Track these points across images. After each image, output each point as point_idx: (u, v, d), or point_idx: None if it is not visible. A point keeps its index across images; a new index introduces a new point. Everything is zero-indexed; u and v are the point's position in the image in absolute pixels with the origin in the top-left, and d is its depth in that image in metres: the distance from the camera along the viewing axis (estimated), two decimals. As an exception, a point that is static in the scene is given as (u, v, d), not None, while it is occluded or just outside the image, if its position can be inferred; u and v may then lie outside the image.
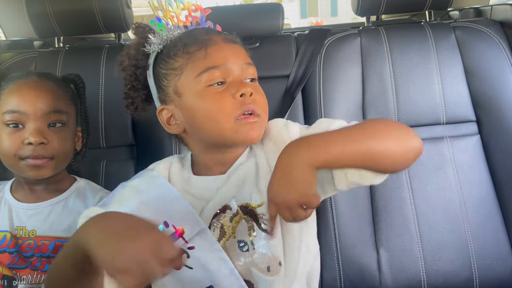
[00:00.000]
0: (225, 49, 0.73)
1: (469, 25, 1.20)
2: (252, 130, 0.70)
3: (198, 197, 0.75)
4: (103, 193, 0.94)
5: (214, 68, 0.70)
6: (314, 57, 1.18)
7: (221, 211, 0.72)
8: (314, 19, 18.11)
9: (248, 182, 0.74)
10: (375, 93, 1.17)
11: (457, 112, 1.16)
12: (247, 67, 0.73)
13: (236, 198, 0.73)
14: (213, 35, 0.74)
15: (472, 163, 1.12)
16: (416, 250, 1.07)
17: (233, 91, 0.69)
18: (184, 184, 0.77)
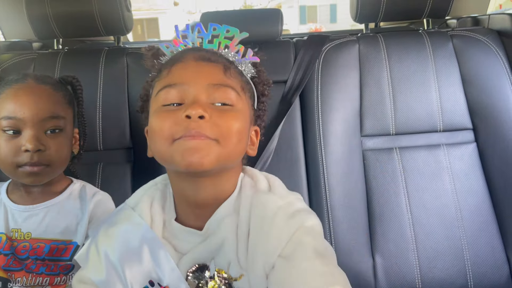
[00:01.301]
0: (190, 67, 0.65)
1: (466, 33, 1.21)
2: (192, 152, 0.58)
3: (175, 248, 0.67)
4: (99, 196, 0.94)
5: (170, 86, 0.63)
6: (312, 63, 1.19)
7: (199, 270, 0.65)
8: (313, 25, 18.23)
9: (227, 247, 0.64)
10: (372, 99, 1.17)
11: (454, 120, 1.16)
12: (215, 90, 0.63)
13: (215, 260, 0.65)
14: (189, 53, 0.67)
15: (468, 171, 1.13)
16: (412, 257, 1.07)
17: (180, 112, 0.60)
18: (164, 230, 0.69)
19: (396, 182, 1.12)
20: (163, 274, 0.64)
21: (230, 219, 0.65)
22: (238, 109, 0.65)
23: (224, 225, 0.65)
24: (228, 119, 0.62)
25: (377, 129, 1.17)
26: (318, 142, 1.14)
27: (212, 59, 0.66)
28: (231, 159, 0.64)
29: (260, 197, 0.66)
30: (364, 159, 1.16)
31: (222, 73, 0.65)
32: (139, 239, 0.67)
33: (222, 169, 0.64)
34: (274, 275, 0.59)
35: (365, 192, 1.13)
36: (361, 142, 1.17)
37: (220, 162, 0.61)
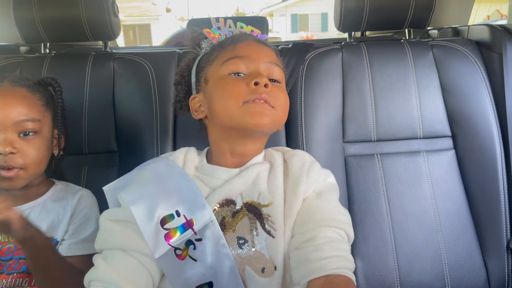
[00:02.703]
0: (253, 46, 0.80)
1: (446, 44, 1.25)
2: (260, 115, 0.73)
3: (206, 184, 0.77)
4: (83, 192, 0.95)
5: (238, 58, 0.77)
6: (296, 70, 1.21)
7: (225, 204, 0.74)
8: (304, 33, 18.37)
9: (259, 182, 0.76)
10: (355, 106, 1.20)
11: (434, 127, 1.19)
12: (272, 67, 0.79)
13: (242, 195, 0.75)
14: (248, 36, 0.84)
15: (446, 177, 1.16)
16: (391, 261, 1.09)
17: (248, 80, 0.74)
18: (196, 171, 0.80)
19: (377, 188, 1.15)
20: (189, 206, 0.71)
21: (263, 164, 0.80)
22: (283, 86, 0.82)
23: (258, 166, 0.79)
24: (280, 93, 0.78)
25: (359, 135, 1.19)
26: (301, 148, 1.16)
27: (267, 44, 0.83)
28: (280, 124, 0.82)
29: (295, 151, 0.83)
30: (346, 164, 1.18)
31: (275, 56, 0.82)
32: (169, 176, 0.75)
33: (274, 130, 0.81)
34: (307, 203, 0.73)
35: (347, 197, 1.15)
36: (343, 148, 1.19)
37: (274, 125, 0.77)
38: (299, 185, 0.74)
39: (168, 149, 1.17)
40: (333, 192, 0.78)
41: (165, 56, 1.29)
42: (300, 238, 0.69)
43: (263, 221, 0.72)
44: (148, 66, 1.22)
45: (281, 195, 0.74)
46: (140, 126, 1.18)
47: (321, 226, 0.69)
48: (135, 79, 1.21)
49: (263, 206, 0.73)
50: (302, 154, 0.81)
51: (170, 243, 0.68)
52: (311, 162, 0.78)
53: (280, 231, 0.71)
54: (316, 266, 0.65)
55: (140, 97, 1.20)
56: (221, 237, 0.69)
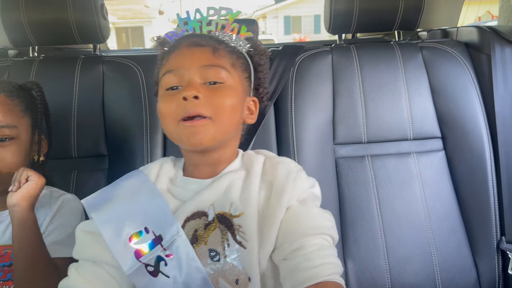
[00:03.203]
0: (184, 53, 0.74)
1: (435, 45, 1.26)
2: (193, 135, 0.70)
3: (176, 197, 0.76)
4: (66, 196, 0.94)
5: (170, 72, 0.73)
6: (286, 73, 1.21)
7: (197, 216, 0.72)
8: (297, 35, 18.41)
9: (231, 191, 0.74)
10: (345, 108, 1.20)
11: (424, 128, 1.20)
12: (207, 69, 0.72)
13: (214, 205, 0.73)
14: (183, 41, 0.77)
15: (437, 178, 1.16)
16: (383, 263, 1.09)
17: (179, 95, 0.70)
18: (169, 183, 0.78)
19: (367, 189, 1.15)
20: (158, 221, 0.70)
21: (237, 172, 0.76)
22: (228, 85, 0.74)
23: (230, 174, 0.75)
24: (219, 96, 0.72)
25: (349, 137, 1.20)
26: (292, 150, 1.16)
27: (202, 43, 0.75)
28: (227, 131, 0.74)
29: (280, 158, 0.79)
30: (337, 166, 1.18)
31: (211, 55, 0.74)
32: (140, 192, 0.74)
33: (226, 139, 0.76)
34: (291, 212, 0.70)
35: (338, 199, 1.16)
36: (334, 150, 1.19)
37: (217, 137, 0.72)
38: (283, 194, 0.71)
39: (158, 152, 1.17)
40: (315, 199, 0.76)
41: (155, 59, 1.28)
42: (288, 248, 0.68)
43: (234, 232, 0.70)
44: (138, 69, 1.22)
45: (254, 204, 0.72)
46: (130, 129, 1.18)
47: (307, 235, 0.68)
48: (125, 83, 1.21)
49: (234, 216, 0.71)
50: (288, 162, 0.78)
51: (141, 260, 0.68)
52: (297, 171, 0.75)
53: (252, 242, 0.69)
54: (307, 275, 0.65)
55: (130, 100, 1.19)
56: (190, 251, 0.69)
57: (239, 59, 0.78)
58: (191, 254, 0.69)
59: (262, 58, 0.85)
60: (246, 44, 0.83)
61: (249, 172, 0.76)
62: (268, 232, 0.69)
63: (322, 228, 0.70)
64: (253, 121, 0.82)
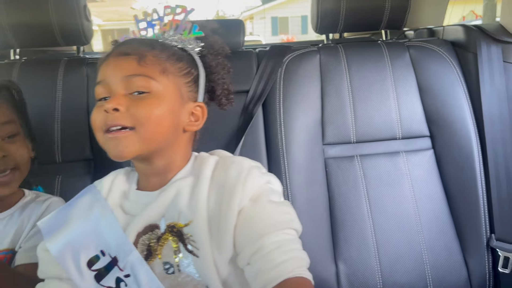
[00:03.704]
0: (110, 64, 0.72)
1: (422, 44, 1.26)
2: (115, 147, 0.68)
3: (127, 212, 0.74)
4: (53, 199, 0.94)
5: (98, 83, 0.72)
6: (274, 73, 1.20)
7: (149, 230, 0.70)
8: (285, 36, 18.44)
9: (179, 200, 0.71)
10: (333, 108, 1.19)
11: (412, 127, 1.20)
12: (131, 79, 0.69)
13: (166, 217, 0.71)
14: (113, 51, 0.74)
15: (426, 177, 1.16)
16: (374, 263, 1.08)
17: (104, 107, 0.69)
18: (121, 199, 0.76)
19: (357, 189, 1.14)
20: (111, 242, 0.69)
21: (185, 179, 0.73)
22: (155, 94, 0.70)
23: (178, 182, 0.73)
24: (144, 106, 0.69)
25: (338, 137, 1.19)
26: (281, 151, 1.14)
27: (128, 52, 0.72)
28: (155, 142, 0.71)
29: (233, 158, 0.76)
30: (326, 167, 1.17)
31: (136, 64, 0.71)
32: (92, 211, 0.73)
33: (158, 148, 0.72)
34: (244, 215, 0.67)
35: (328, 200, 1.15)
36: (323, 150, 1.18)
37: (142, 148, 0.69)
38: (233, 197, 0.68)
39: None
40: (270, 194, 0.71)
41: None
42: (248, 252, 0.66)
43: (185, 242, 0.68)
44: None
45: (203, 210, 0.69)
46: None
47: (265, 235, 0.65)
48: None
49: (184, 225, 0.69)
50: (240, 161, 0.73)
51: (102, 283, 0.68)
52: (249, 169, 0.71)
53: (204, 250, 0.67)
54: (270, 276, 0.62)
55: None
56: (145, 267, 0.68)
57: (178, 63, 0.75)
58: (147, 271, 0.68)
59: (217, 58, 0.83)
60: (197, 45, 0.80)
61: (198, 177, 0.72)
62: (222, 238, 0.67)
63: (280, 224, 0.67)
64: (198, 128, 0.79)
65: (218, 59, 0.83)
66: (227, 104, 0.87)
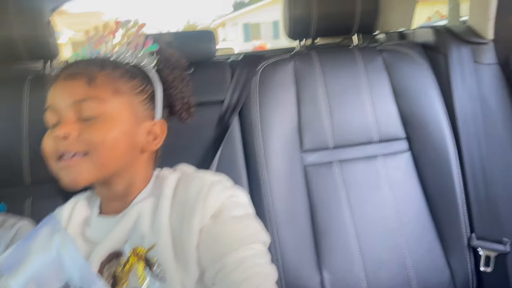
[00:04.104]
0: (58, 88, 0.69)
1: (394, 48, 1.27)
2: (68, 174, 0.66)
3: (89, 240, 0.71)
4: (22, 223, 0.89)
5: (47, 108, 0.69)
6: (248, 82, 1.18)
7: (114, 257, 0.68)
8: (257, 42, 18.52)
9: (140, 223, 0.68)
10: (310, 115, 1.19)
11: (389, 130, 1.20)
12: (80, 105, 0.66)
13: (129, 242, 0.68)
14: (62, 72, 0.70)
15: (405, 179, 1.16)
16: (358, 269, 1.07)
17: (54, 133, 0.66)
18: (82, 226, 0.73)
19: (338, 196, 1.13)
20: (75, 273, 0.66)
21: (146, 200, 0.70)
22: (108, 117, 0.67)
23: (138, 205, 0.70)
24: (95, 130, 0.66)
25: (316, 144, 1.18)
26: (260, 161, 1.13)
27: (77, 74, 0.68)
28: (111, 166, 0.68)
29: (195, 174, 0.73)
30: (306, 174, 1.16)
31: (86, 86, 0.67)
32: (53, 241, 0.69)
33: (115, 173, 0.69)
34: (206, 234, 0.65)
35: (309, 208, 1.13)
36: (302, 158, 1.17)
37: (97, 174, 0.67)
38: (194, 216, 0.65)
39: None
40: (232, 209, 0.68)
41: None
42: (211, 272, 0.64)
43: (151, 266, 0.66)
44: None
45: (166, 232, 0.67)
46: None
47: (227, 253, 0.63)
48: None
49: (148, 249, 0.66)
50: (201, 177, 0.71)
51: None
52: (209, 185, 0.68)
53: (171, 273, 0.65)
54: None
55: None
56: None
57: (131, 81, 0.71)
58: None
59: (173, 72, 0.79)
60: (152, 60, 0.77)
61: (158, 197, 0.70)
62: (185, 259, 0.65)
63: (242, 240, 0.65)
64: (157, 147, 0.75)
65: (175, 73, 0.79)
66: (188, 118, 0.83)
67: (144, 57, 0.76)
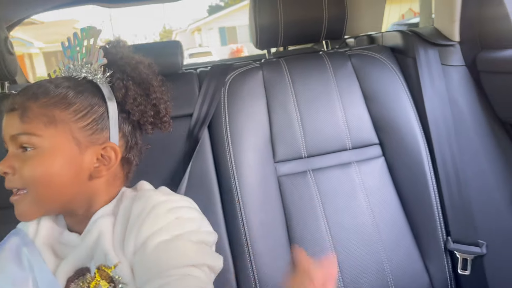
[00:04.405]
0: (3, 120, 0.68)
1: (363, 52, 1.26)
2: (17, 209, 0.67)
3: (57, 254, 0.70)
4: None
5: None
6: (217, 94, 1.16)
7: (80, 274, 0.66)
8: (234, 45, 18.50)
9: (102, 241, 0.66)
10: (281, 125, 1.17)
11: (361, 136, 1.19)
12: (15, 139, 0.65)
13: (95, 259, 0.66)
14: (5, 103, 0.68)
15: (379, 185, 1.15)
16: (337, 280, 1.06)
17: None
18: (50, 239, 0.72)
19: (313, 205, 1.12)
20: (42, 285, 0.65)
21: (107, 217, 0.68)
22: (42, 151, 0.65)
23: (100, 221, 0.68)
24: (29, 167, 0.64)
25: (289, 153, 1.16)
26: (232, 174, 1.10)
27: (13, 107, 0.66)
28: (53, 200, 0.66)
29: (145, 193, 0.71)
30: (280, 185, 1.14)
31: (19, 120, 0.65)
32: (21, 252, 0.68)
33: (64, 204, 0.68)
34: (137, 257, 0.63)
35: (284, 219, 1.11)
36: (275, 168, 1.15)
37: (41, 209, 0.66)
38: (129, 238, 0.64)
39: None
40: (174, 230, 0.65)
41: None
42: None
43: (115, 284, 0.64)
44: None
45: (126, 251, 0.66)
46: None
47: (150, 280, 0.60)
48: None
49: (112, 267, 0.64)
50: (147, 197, 0.68)
51: None
52: (153, 206, 0.66)
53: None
54: None
55: None
56: None
57: (70, 107, 0.67)
58: None
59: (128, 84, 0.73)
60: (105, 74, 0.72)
61: (115, 216, 0.69)
62: None
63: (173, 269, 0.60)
64: (109, 171, 0.71)
65: (130, 84, 0.73)
66: (154, 129, 0.80)
67: (98, 71, 0.71)
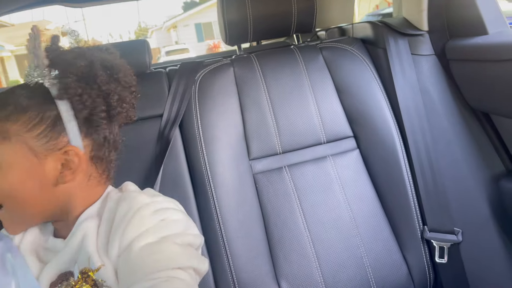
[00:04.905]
0: None
1: (333, 44, 1.25)
2: (3, 225, 0.68)
3: (41, 259, 0.70)
4: None
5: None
6: (187, 93, 1.13)
7: (64, 279, 0.65)
8: (211, 41, 18.38)
9: (85, 244, 0.65)
10: (255, 122, 1.15)
11: (335, 130, 1.18)
12: None
13: (78, 263, 0.65)
14: None
15: (355, 178, 1.15)
16: (316, 275, 1.05)
17: None
18: (35, 244, 0.72)
19: (290, 201, 1.10)
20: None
21: (91, 220, 0.68)
22: (1, 167, 0.63)
23: (84, 224, 0.67)
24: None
25: (264, 150, 1.14)
26: (205, 174, 1.08)
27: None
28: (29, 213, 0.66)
29: (130, 194, 0.70)
30: (256, 183, 1.12)
31: None
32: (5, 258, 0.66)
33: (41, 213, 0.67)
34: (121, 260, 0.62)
35: (262, 217, 1.10)
36: (251, 166, 1.13)
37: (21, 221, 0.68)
38: (113, 241, 0.63)
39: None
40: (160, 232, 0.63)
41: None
42: None
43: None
44: None
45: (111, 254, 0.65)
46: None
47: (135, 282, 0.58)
48: None
49: (95, 271, 0.64)
50: (131, 198, 0.67)
51: None
52: (138, 208, 0.65)
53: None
54: None
55: None
56: None
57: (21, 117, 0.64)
58: None
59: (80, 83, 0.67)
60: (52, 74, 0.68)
61: (100, 218, 0.68)
62: None
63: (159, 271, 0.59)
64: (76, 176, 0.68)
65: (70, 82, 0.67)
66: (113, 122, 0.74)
67: (46, 73, 0.67)
